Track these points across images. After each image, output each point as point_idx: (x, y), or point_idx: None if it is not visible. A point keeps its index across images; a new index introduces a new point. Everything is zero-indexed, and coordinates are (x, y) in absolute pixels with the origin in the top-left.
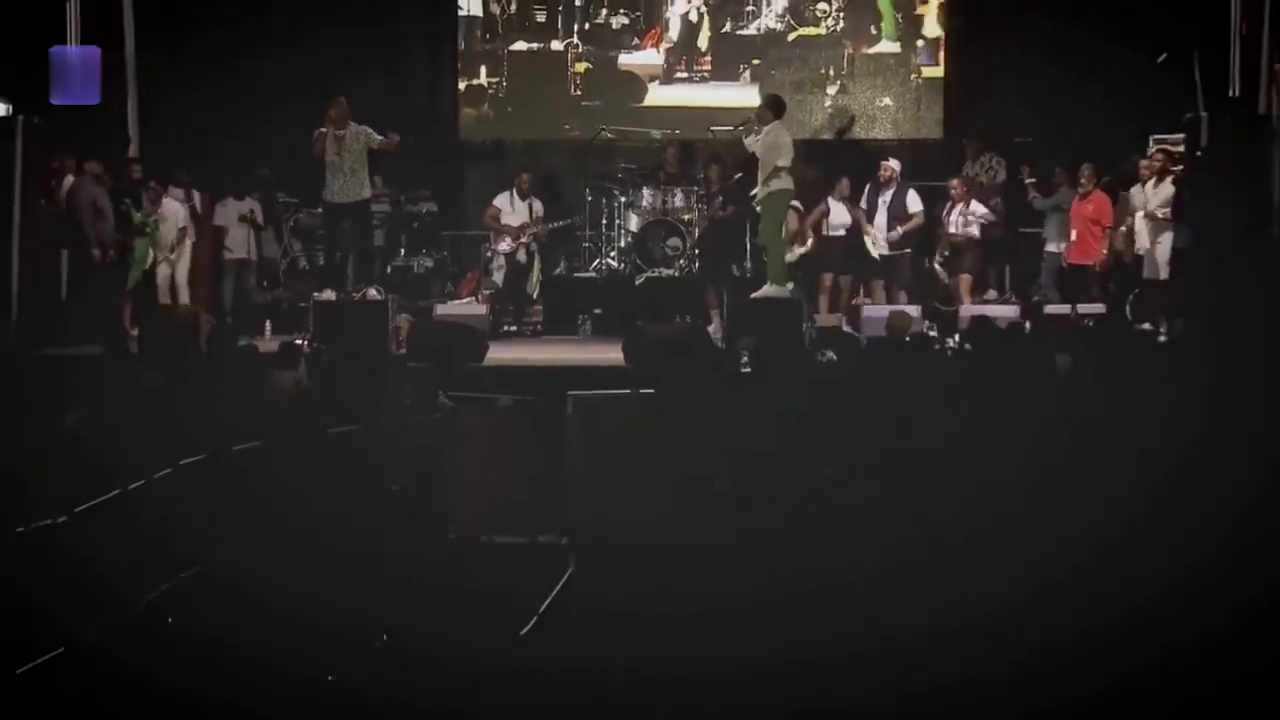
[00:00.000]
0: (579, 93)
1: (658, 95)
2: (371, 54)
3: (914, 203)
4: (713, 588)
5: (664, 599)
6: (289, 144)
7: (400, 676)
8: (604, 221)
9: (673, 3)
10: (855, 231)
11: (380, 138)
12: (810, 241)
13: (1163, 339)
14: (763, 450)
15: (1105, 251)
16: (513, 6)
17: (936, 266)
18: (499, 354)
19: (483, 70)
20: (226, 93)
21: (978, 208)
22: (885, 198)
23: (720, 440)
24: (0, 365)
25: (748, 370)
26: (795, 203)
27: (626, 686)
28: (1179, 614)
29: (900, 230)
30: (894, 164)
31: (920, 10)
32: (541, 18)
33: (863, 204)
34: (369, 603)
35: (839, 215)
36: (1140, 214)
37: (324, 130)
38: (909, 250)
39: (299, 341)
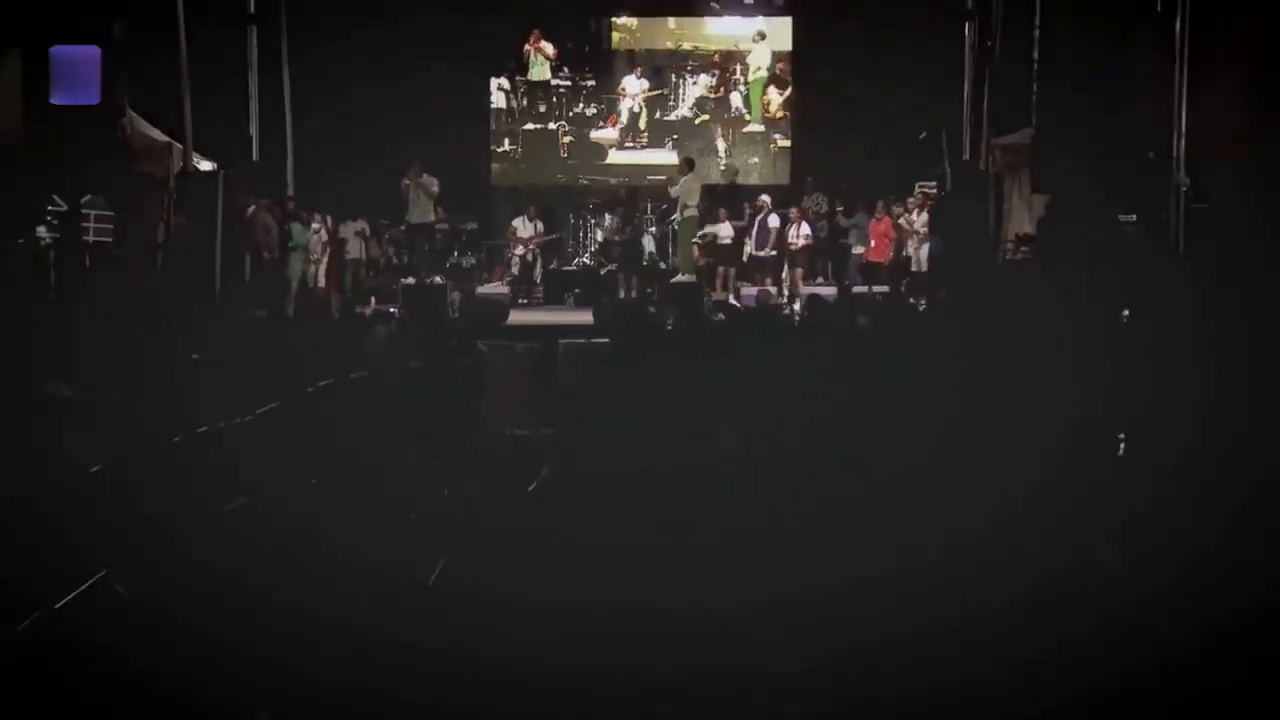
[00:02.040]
0: (566, 155)
1: (614, 157)
2: (440, 131)
3: (774, 221)
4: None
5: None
6: (386, 187)
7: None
8: (581, 235)
9: (623, 100)
10: (738, 242)
11: (436, 186)
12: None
13: (922, 308)
14: (681, 372)
15: (890, 254)
16: (524, 101)
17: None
18: (516, 318)
19: (506, 141)
20: (348, 154)
21: (805, 228)
22: (759, 219)
23: (656, 368)
24: (211, 322)
25: (670, 327)
26: (697, 239)
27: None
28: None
29: (771, 240)
30: (765, 198)
31: (776, 107)
32: (543, 109)
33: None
34: (434, 468)
35: (726, 231)
36: (911, 231)
37: (407, 181)
38: (774, 253)
39: (391, 310)
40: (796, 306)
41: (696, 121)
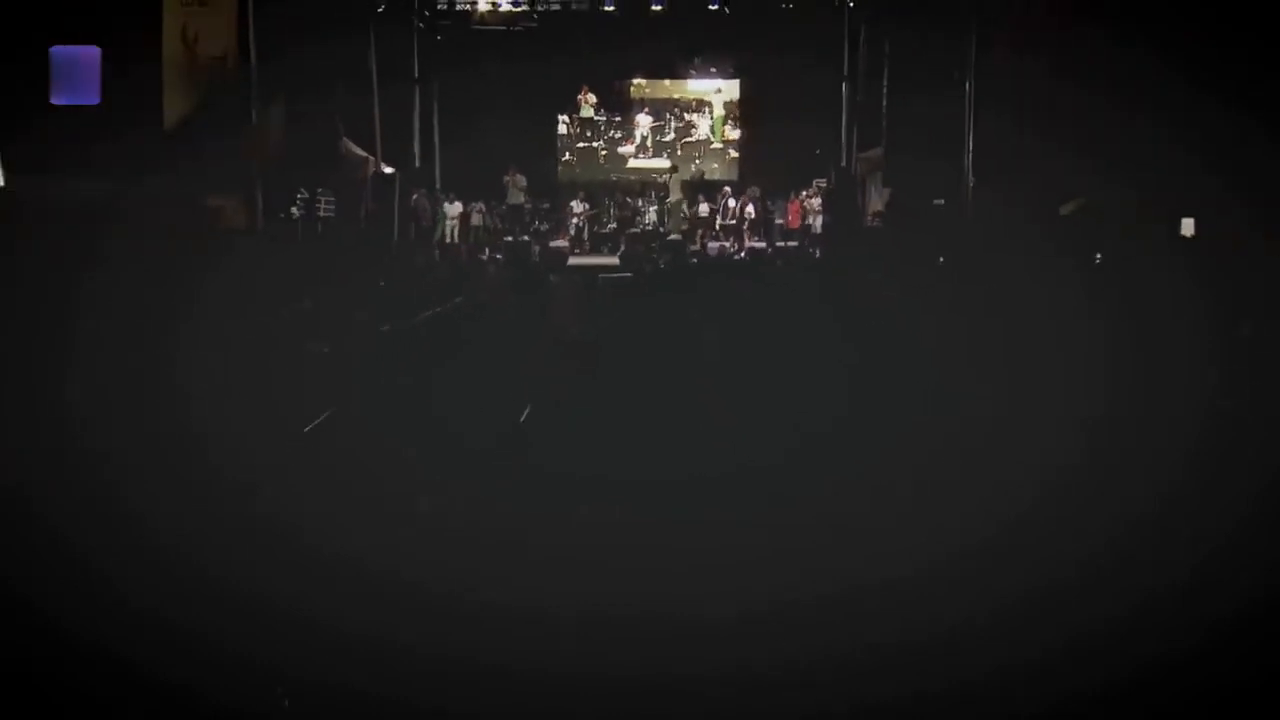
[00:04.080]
0: (603, 163)
1: (632, 164)
2: (527, 147)
3: (732, 203)
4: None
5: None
6: (495, 182)
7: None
8: (612, 211)
9: (637, 129)
10: (710, 215)
11: (524, 181)
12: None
13: (817, 256)
14: (672, 293)
15: (799, 223)
16: (577, 130)
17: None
18: (573, 261)
19: (566, 154)
20: (474, 160)
21: (749, 208)
22: (723, 202)
23: (656, 291)
24: (392, 263)
25: (663, 267)
26: (684, 209)
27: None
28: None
29: (731, 215)
30: (728, 188)
31: (729, 133)
32: (588, 134)
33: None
34: (515, 340)
35: (705, 209)
36: (812, 209)
37: (507, 178)
38: (734, 222)
39: (498, 256)
40: (742, 255)
41: (680, 142)
